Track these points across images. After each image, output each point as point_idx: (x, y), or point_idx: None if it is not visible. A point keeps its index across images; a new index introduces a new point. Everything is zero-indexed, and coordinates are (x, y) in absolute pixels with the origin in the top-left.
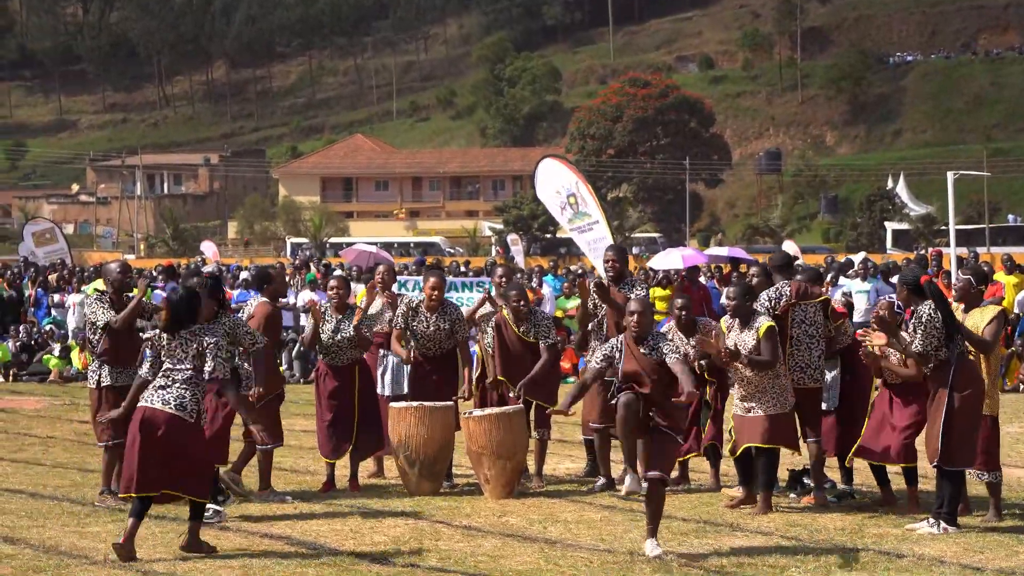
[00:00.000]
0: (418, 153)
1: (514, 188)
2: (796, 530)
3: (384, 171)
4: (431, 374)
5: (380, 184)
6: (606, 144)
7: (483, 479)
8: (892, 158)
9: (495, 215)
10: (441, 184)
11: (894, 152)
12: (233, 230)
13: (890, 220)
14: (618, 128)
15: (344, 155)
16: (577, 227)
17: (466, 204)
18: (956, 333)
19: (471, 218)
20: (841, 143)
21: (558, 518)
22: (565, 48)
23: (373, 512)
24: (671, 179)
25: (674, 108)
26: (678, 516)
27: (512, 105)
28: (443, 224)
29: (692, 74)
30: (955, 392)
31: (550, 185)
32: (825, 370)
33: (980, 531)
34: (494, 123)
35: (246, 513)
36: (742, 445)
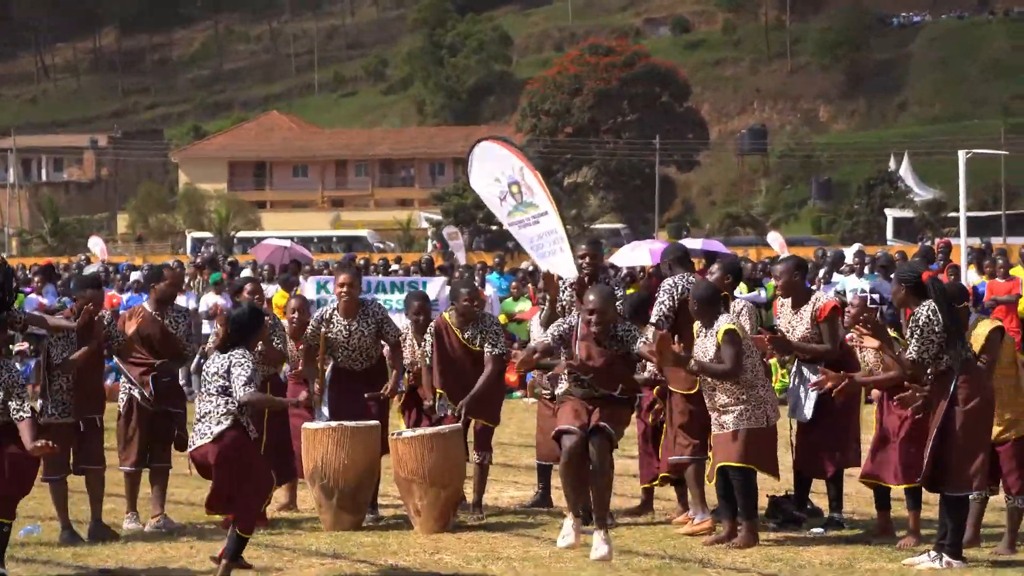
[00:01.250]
0: (343, 133)
1: (455, 173)
2: (776, 566)
3: (303, 154)
4: (357, 390)
5: (298, 169)
6: (563, 121)
7: (413, 510)
8: (895, 136)
9: (432, 204)
10: (370, 169)
11: (898, 129)
12: (124, 224)
13: (892, 207)
14: (577, 103)
15: (256, 135)
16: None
17: (399, 192)
18: (960, 338)
19: (404, 208)
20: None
21: (500, 555)
22: (515, 10)
23: (284, 550)
24: (638, 161)
25: (642, 79)
26: (639, 551)
27: (454, 77)
28: (372, 215)
29: (663, 39)
30: (957, 405)
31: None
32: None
33: (989, 566)
34: (433, 98)
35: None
36: (716, 465)
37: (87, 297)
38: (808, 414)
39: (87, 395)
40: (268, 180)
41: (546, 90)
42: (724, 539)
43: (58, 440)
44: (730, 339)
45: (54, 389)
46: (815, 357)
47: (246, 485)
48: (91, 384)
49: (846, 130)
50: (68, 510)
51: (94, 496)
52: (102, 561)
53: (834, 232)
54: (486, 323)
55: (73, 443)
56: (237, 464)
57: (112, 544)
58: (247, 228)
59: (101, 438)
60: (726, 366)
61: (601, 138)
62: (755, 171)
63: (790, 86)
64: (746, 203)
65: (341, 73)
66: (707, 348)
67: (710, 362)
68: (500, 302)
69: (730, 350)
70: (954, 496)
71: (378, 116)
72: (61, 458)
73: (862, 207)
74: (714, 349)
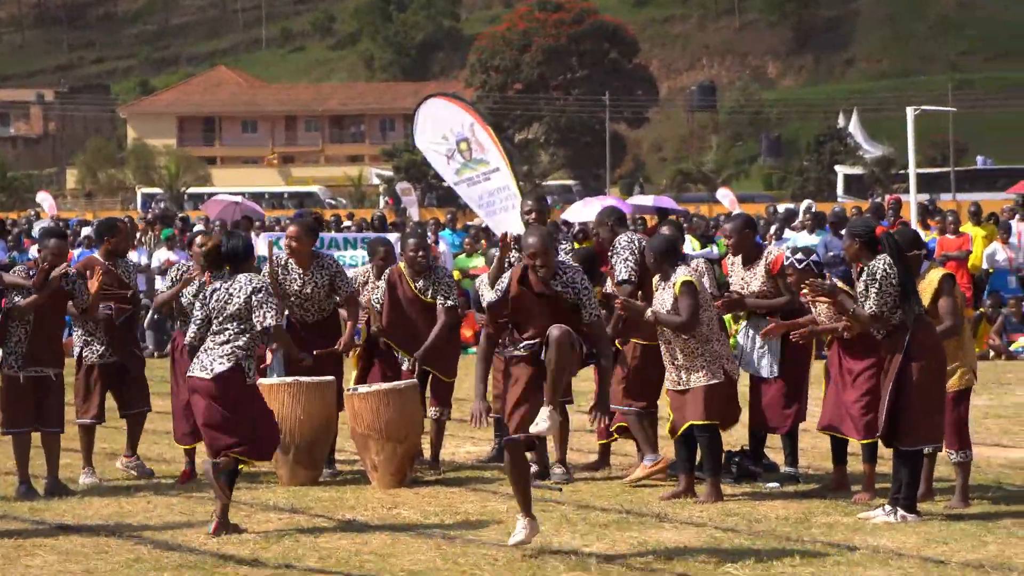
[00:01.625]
0: (292, 88)
1: (406, 129)
2: (733, 520)
3: (252, 109)
4: (309, 343)
5: (247, 124)
6: (512, 78)
7: (370, 465)
8: (843, 92)
9: (383, 160)
10: (320, 124)
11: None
12: (73, 179)
13: (841, 164)
14: (526, 59)
15: (204, 91)
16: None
17: (349, 148)
18: (913, 293)
19: (355, 164)
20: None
21: (457, 510)
22: None
23: (241, 505)
24: (588, 118)
25: (591, 36)
26: (596, 506)
27: (402, 32)
28: (322, 171)
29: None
30: (912, 361)
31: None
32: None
33: (944, 519)
34: (381, 53)
35: (87, 507)
36: (682, 426)
37: (51, 248)
38: (773, 371)
39: (45, 348)
40: (217, 136)
41: (495, 46)
42: (681, 494)
43: (19, 393)
44: (687, 291)
45: (13, 341)
46: (771, 311)
47: (240, 424)
48: (49, 337)
49: (794, 86)
50: (28, 465)
51: (51, 453)
52: (59, 516)
53: (785, 189)
54: (439, 275)
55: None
56: (231, 404)
57: (69, 499)
58: (197, 184)
59: (62, 399)
60: (682, 318)
61: (551, 95)
62: (705, 127)
63: (738, 42)
64: (697, 160)
65: (288, 28)
66: (665, 300)
67: (667, 313)
68: (454, 258)
69: (687, 301)
70: (908, 451)
71: (326, 72)
72: (24, 411)
73: (812, 164)
74: (671, 300)
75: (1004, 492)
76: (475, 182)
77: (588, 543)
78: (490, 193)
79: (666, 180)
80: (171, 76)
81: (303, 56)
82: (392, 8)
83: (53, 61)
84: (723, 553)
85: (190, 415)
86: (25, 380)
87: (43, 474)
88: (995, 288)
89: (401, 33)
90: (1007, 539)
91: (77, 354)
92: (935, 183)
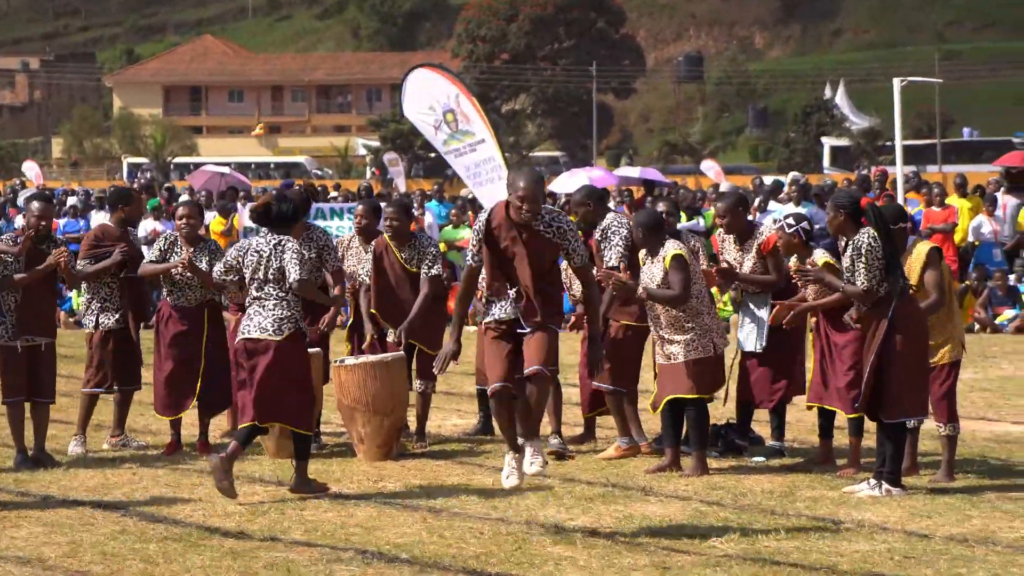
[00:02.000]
0: (278, 58)
1: (392, 99)
2: (718, 494)
3: (238, 79)
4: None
5: (234, 94)
6: (499, 47)
7: (356, 438)
8: (830, 62)
9: (370, 131)
10: (306, 94)
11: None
12: (59, 148)
13: (828, 135)
14: (513, 29)
15: (190, 60)
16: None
17: (336, 118)
18: (897, 266)
19: (342, 134)
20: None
21: (443, 483)
22: None
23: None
24: (575, 88)
25: (578, 5)
26: (582, 479)
27: (389, 2)
28: (309, 141)
29: None
30: (896, 333)
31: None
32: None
33: (928, 493)
34: (368, 23)
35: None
36: (664, 398)
37: (34, 211)
38: (760, 344)
39: (36, 318)
40: (204, 105)
41: (482, 16)
42: (667, 467)
43: (12, 363)
44: (678, 264)
45: (3, 310)
46: (762, 288)
47: (296, 392)
48: (41, 307)
49: (781, 57)
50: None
51: (39, 424)
52: (44, 488)
53: (771, 160)
54: (423, 244)
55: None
56: (290, 373)
57: (54, 471)
58: (184, 153)
59: (54, 370)
60: (675, 291)
61: (537, 65)
62: (692, 98)
63: (725, 12)
64: (683, 131)
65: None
66: (654, 274)
67: (658, 288)
68: (440, 230)
69: (678, 275)
70: (892, 424)
71: (312, 41)
72: (17, 381)
73: (798, 135)
74: (661, 275)
75: (988, 466)
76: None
77: (573, 516)
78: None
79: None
80: (157, 45)
81: (289, 25)
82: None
83: (39, 29)
84: (708, 527)
85: (174, 386)
86: (22, 349)
87: (30, 446)
88: (980, 261)
89: (388, 2)
90: (991, 513)
91: (94, 322)
92: (921, 155)
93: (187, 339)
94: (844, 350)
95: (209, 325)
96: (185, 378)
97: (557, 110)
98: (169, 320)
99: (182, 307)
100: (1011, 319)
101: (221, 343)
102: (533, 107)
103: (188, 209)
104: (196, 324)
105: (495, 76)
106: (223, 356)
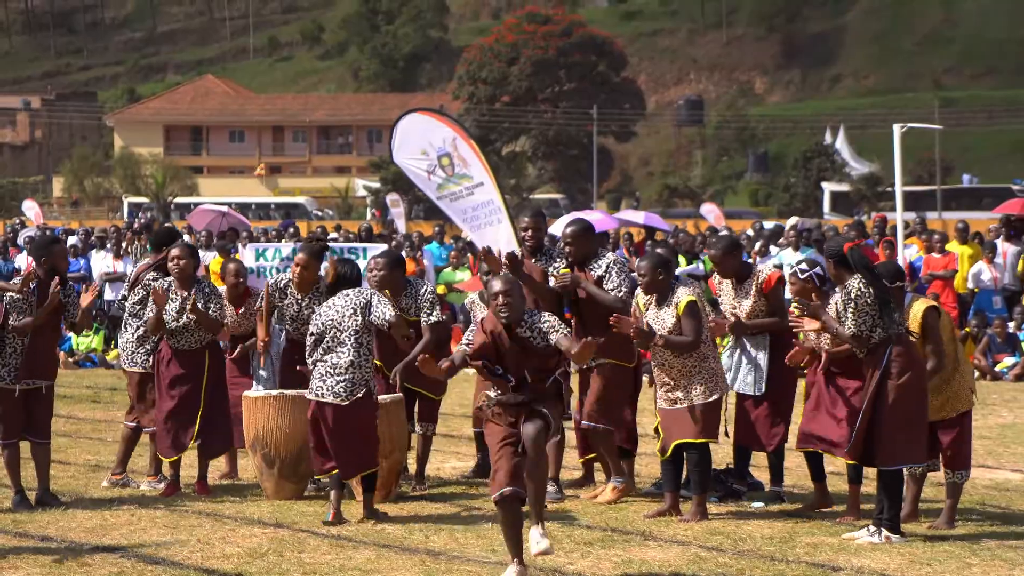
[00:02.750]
0: (279, 98)
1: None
2: (717, 539)
3: (239, 119)
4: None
5: (234, 134)
6: (500, 90)
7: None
8: (831, 108)
9: (371, 172)
10: (307, 135)
11: (833, 101)
12: (59, 187)
13: (828, 180)
14: (514, 71)
15: (191, 100)
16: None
17: (336, 159)
18: (890, 308)
19: (342, 175)
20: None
21: (442, 526)
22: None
23: (225, 519)
24: (576, 131)
25: (579, 48)
26: (581, 523)
27: (390, 44)
28: (309, 182)
29: (600, 8)
30: (889, 379)
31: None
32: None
33: (928, 540)
34: (369, 64)
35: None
36: (672, 443)
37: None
38: (761, 387)
39: (40, 360)
40: (204, 145)
41: (483, 58)
42: (666, 512)
43: (9, 405)
44: (691, 311)
45: (7, 353)
46: (769, 331)
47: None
48: (45, 350)
49: (781, 102)
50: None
51: (41, 464)
52: (42, 529)
53: (771, 205)
54: (420, 292)
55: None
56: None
57: (52, 512)
58: (184, 193)
59: (51, 411)
60: (689, 338)
61: (538, 107)
62: (692, 142)
63: (726, 57)
64: (684, 175)
65: (276, 38)
66: (663, 320)
67: (673, 335)
68: (438, 272)
69: (691, 322)
70: (888, 470)
71: (313, 82)
72: (14, 423)
73: (799, 180)
74: (671, 321)
75: (988, 514)
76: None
77: (572, 560)
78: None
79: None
80: (158, 84)
81: (290, 66)
82: (380, 19)
83: (40, 67)
84: (707, 572)
85: (173, 427)
86: (19, 392)
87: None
88: (980, 308)
89: (389, 44)
90: (991, 561)
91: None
92: (921, 201)
93: (187, 381)
94: (847, 395)
95: (210, 367)
96: (184, 418)
97: (557, 153)
98: (169, 362)
99: (182, 350)
100: (1011, 367)
101: (221, 384)
102: (533, 149)
103: (181, 250)
104: (196, 367)
105: (495, 118)
106: (223, 397)
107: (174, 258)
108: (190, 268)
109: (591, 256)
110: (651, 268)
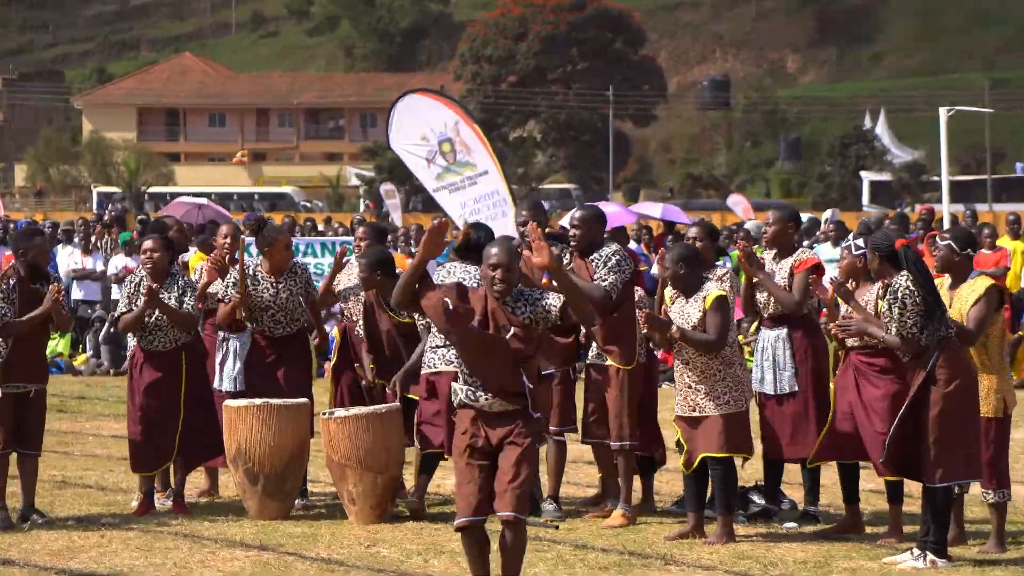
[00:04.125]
0: (264, 78)
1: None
2: (746, 563)
3: (220, 101)
4: (277, 361)
5: (215, 118)
6: (506, 69)
7: (347, 498)
8: (870, 90)
9: (364, 159)
10: (294, 119)
11: (872, 82)
12: (22, 175)
13: (868, 169)
14: (522, 48)
15: (167, 79)
16: (449, 184)
17: (327, 145)
18: (938, 311)
19: (333, 163)
20: (806, 70)
21: (443, 548)
22: None
23: (205, 540)
24: (590, 115)
25: (594, 23)
26: (596, 546)
27: (387, 18)
28: (296, 170)
29: None
30: (936, 387)
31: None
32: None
33: (977, 565)
34: (363, 41)
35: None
36: (697, 457)
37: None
38: (793, 385)
39: (28, 362)
40: (182, 130)
41: (488, 34)
42: (689, 533)
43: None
44: (719, 306)
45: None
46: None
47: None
48: (31, 351)
49: (815, 82)
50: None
51: (28, 477)
52: (3, 551)
53: (805, 196)
54: None
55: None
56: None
57: (15, 533)
58: (159, 182)
59: (42, 419)
60: (711, 336)
61: (548, 88)
62: (717, 127)
63: (754, 34)
64: (708, 162)
65: (260, 12)
66: (689, 314)
67: (694, 331)
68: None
69: (717, 319)
70: (935, 488)
71: (302, 60)
72: (2, 431)
73: (835, 169)
74: (698, 316)
75: None
76: (458, 187)
77: None
78: (476, 200)
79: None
80: (131, 62)
81: (276, 42)
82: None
83: (3, 44)
84: None
85: (150, 439)
86: (5, 397)
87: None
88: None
89: (384, 18)
90: None
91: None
92: (969, 192)
93: (162, 388)
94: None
95: (188, 369)
96: (163, 433)
97: (570, 138)
98: (142, 367)
99: (154, 352)
100: None
101: (203, 384)
102: (543, 135)
103: (153, 242)
104: (171, 370)
105: (501, 100)
106: (204, 405)
107: (147, 251)
108: (163, 262)
109: (596, 245)
110: (673, 261)
